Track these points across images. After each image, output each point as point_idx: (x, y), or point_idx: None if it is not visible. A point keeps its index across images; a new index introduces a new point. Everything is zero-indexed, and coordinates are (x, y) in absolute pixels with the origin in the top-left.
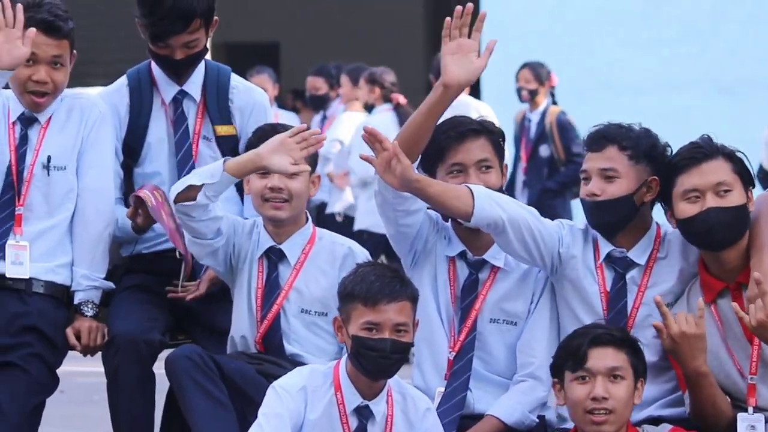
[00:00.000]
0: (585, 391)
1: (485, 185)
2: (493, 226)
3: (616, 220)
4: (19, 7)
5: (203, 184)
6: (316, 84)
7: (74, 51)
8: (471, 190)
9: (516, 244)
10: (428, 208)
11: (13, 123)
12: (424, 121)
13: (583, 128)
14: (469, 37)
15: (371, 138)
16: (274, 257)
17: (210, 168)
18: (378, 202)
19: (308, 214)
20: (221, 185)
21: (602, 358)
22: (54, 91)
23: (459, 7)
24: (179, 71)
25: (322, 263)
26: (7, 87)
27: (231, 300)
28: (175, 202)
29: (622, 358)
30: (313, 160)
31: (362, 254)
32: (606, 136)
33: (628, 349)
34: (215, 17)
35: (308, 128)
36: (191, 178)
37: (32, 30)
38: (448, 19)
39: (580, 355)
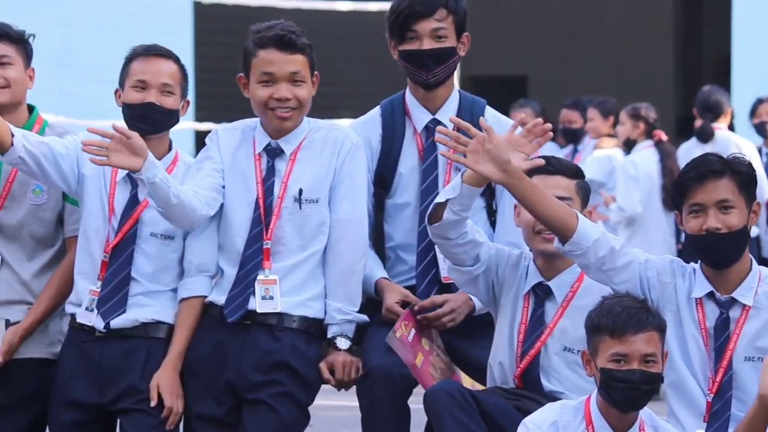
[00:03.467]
0: None
1: (725, 226)
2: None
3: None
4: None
5: (447, 200)
6: (571, 117)
7: (316, 71)
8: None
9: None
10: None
11: (259, 155)
12: None
13: None
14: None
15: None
16: (540, 293)
17: (452, 182)
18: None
19: None
20: (464, 198)
21: None
22: (298, 106)
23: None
24: (428, 65)
25: (590, 304)
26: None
27: (487, 337)
28: (429, 224)
29: None
30: (584, 195)
31: None
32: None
33: None
34: (466, 33)
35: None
36: (437, 198)
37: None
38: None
39: None
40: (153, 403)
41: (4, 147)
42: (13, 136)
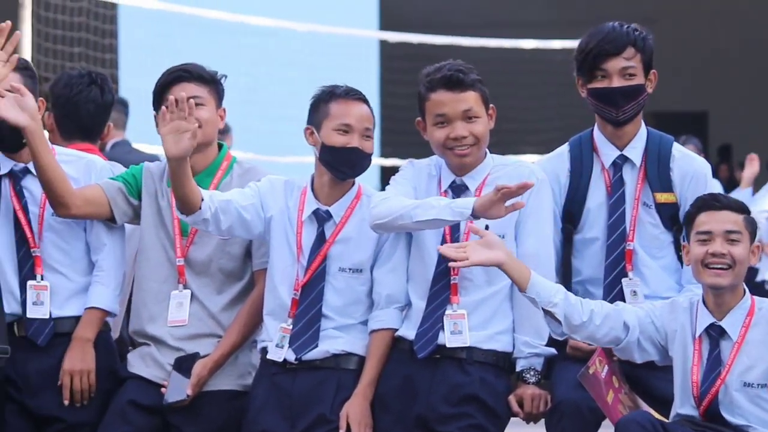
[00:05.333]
0: None
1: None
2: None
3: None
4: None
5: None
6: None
7: (491, 105)
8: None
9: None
10: None
11: (445, 192)
12: None
13: None
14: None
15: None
16: (714, 334)
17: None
18: None
19: (745, 287)
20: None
21: None
22: (476, 142)
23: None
24: (618, 102)
25: (761, 334)
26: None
27: (670, 368)
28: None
29: None
30: (752, 229)
31: None
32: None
33: None
34: (654, 70)
35: None
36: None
37: (195, 126)
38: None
39: None
40: (341, 431)
41: (193, 209)
42: (202, 199)
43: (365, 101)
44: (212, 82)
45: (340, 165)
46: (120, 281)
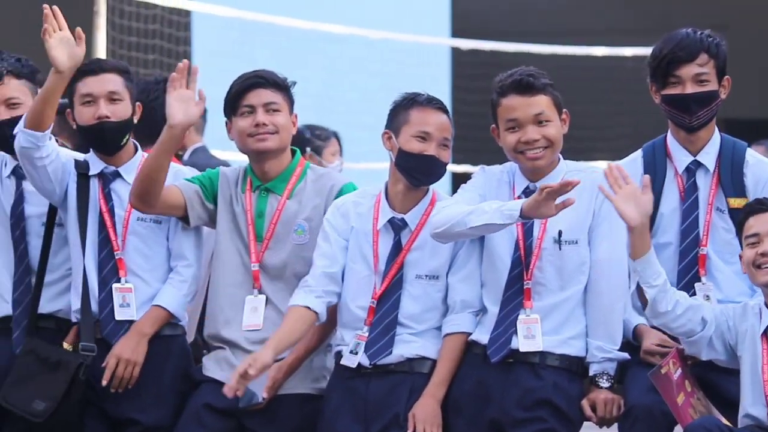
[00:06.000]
0: None
1: None
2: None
3: None
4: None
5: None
6: None
7: (564, 110)
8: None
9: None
10: None
11: (518, 197)
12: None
13: None
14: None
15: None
16: None
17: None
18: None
19: None
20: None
21: None
22: (549, 145)
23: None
24: (691, 108)
25: None
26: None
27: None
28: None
29: None
30: None
31: None
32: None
33: None
34: (727, 77)
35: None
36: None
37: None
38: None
39: None
40: (409, 431)
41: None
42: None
43: (445, 111)
44: (285, 89)
45: (416, 171)
46: (193, 293)
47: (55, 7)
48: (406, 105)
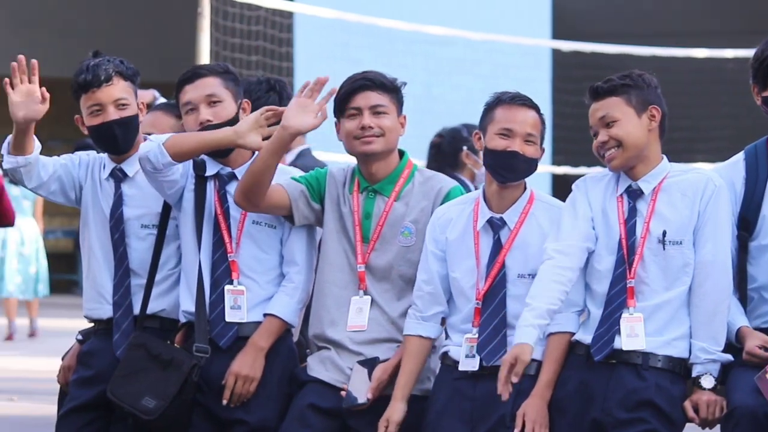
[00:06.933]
0: None
1: None
2: None
3: None
4: (33, 62)
5: None
6: None
7: (652, 106)
8: None
9: None
10: None
11: (621, 196)
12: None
13: None
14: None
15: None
16: None
17: None
18: None
19: None
20: None
21: None
22: (620, 144)
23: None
24: None
25: None
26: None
27: None
28: None
29: None
30: None
31: None
32: None
33: None
34: None
35: None
36: None
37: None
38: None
39: None
40: (516, 430)
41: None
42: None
43: (532, 107)
44: (393, 90)
45: (500, 168)
46: (305, 299)
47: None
48: (492, 105)
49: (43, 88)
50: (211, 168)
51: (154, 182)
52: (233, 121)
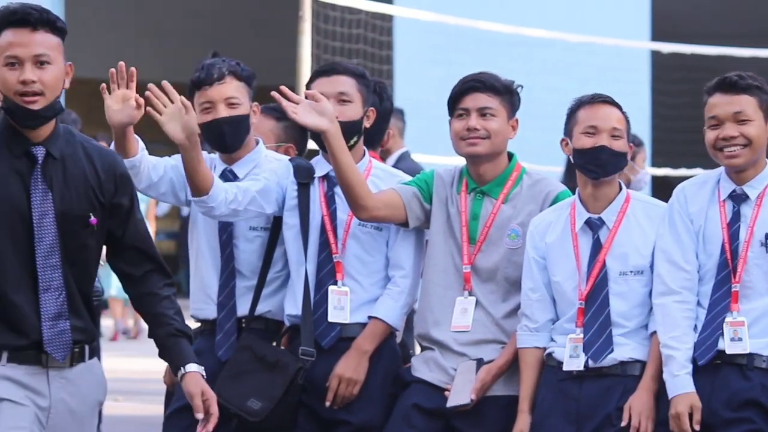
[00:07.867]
0: None
1: None
2: None
3: None
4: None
5: None
6: None
7: None
8: None
9: None
10: None
11: (724, 201)
12: None
13: None
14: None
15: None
16: None
17: None
18: None
19: None
20: None
21: None
22: (748, 144)
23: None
24: None
25: None
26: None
27: None
28: None
29: None
30: None
31: None
32: None
33: None
34: None
35: None
36: None
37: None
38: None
39: None
40: (623, 423)
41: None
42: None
43: (613, 104)
44: (505, 93)
45: (590, 164)
46: (410, 304)
47: (165, 82)
48: (575, 108)
49: (137, 95)
50: (321, 169)
51: (232, 218)
52: (357, 124)
